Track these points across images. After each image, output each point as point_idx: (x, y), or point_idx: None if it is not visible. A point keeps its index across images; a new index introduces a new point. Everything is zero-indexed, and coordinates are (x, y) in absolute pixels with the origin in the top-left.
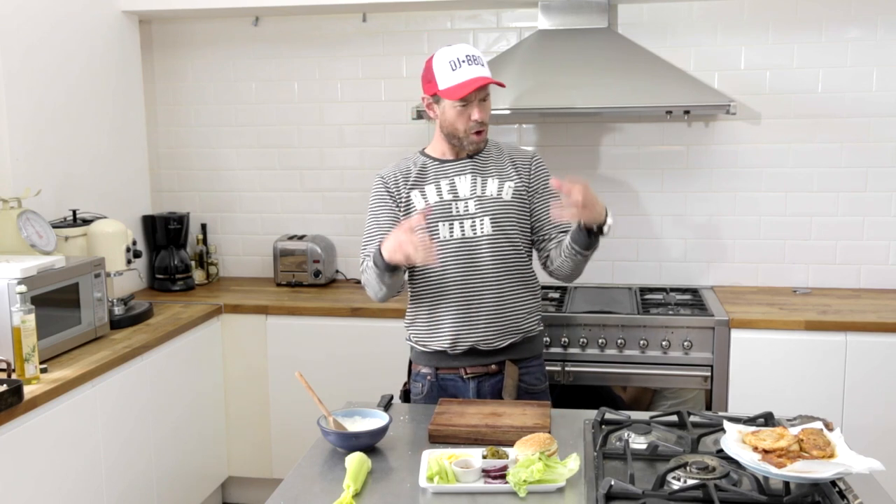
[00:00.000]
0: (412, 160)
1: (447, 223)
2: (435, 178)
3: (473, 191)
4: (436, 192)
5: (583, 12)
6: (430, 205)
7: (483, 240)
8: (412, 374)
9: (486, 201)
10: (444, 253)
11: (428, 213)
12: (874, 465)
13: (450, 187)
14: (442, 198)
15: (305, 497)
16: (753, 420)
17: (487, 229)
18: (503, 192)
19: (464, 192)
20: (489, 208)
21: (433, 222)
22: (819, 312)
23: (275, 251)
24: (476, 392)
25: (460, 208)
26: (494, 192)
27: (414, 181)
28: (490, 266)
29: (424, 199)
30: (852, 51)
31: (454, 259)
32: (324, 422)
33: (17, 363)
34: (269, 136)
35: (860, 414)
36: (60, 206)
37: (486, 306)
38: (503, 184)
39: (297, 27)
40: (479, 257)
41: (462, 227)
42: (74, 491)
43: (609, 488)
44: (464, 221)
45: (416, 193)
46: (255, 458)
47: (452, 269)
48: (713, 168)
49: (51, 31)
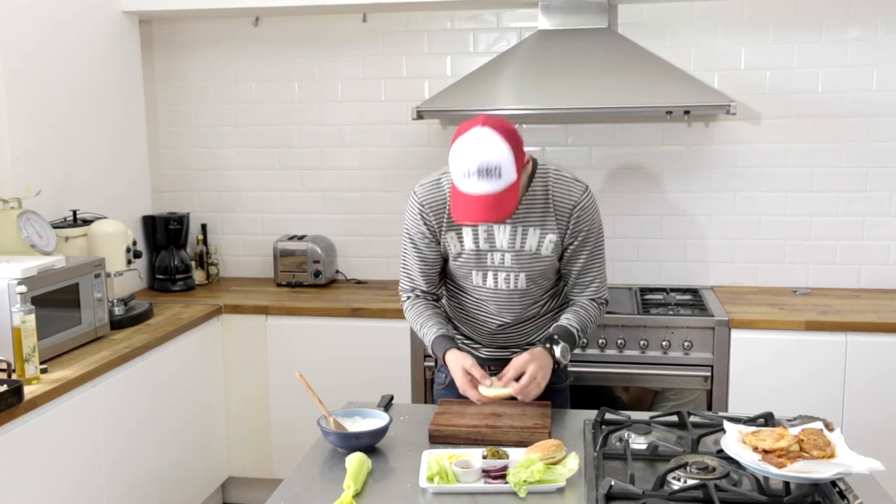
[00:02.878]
0: (449, 184)
1: (481, 273)
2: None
3: (512, 244)
4: (472, 238)
5: (583, 12)
6: (465, 251)
7: (516, 293)
8: (438, 363)
9: (524, 257)
10: (476, 295)
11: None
12: (874, 465)
13: (487, 235)
14: (478, 247)
15: (305, 497)
16: (753, 420)
17: (522, 284)
18: (542, 246)
19: (501, 243)
20: (526, 264)
21: (466, 270)
22: (819, 312)
23: (275, 251)
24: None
25: (496, 260)
26: (534, 247)
27: (449, 221)
28: (521, 309)
29: (461, 243)
30: (852, 51)
31: (485, 300)
32: (324, 422)
33: (17, 363)
34: (269, 137)
35: (860, 414)
36: (61, 206)
37: (518, 333)
38: (544, 237)
39: (297, 27)
40: (511, 302)
41: (496, 278)
42: (75, 491)
43: (609, 488)
44: (498, 273)
45: (453, 235)
46: (255, 458)
47: (484, 307)
48: (713, 168)
49: (51, 31)
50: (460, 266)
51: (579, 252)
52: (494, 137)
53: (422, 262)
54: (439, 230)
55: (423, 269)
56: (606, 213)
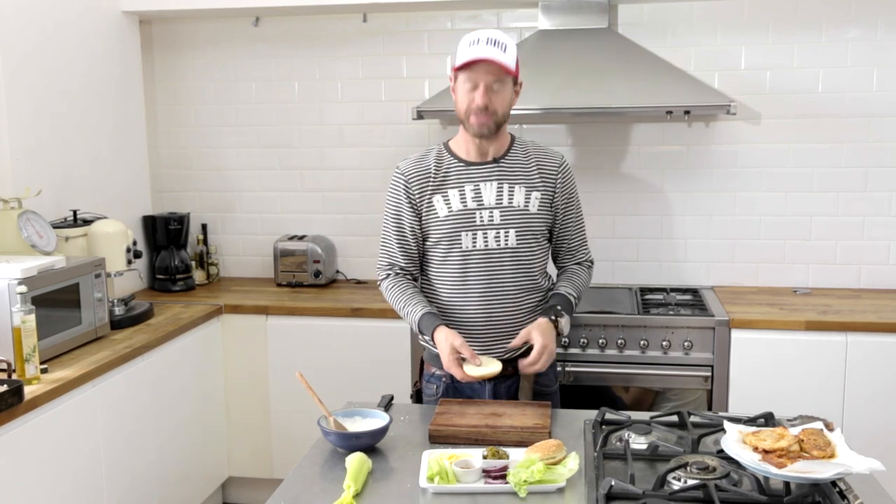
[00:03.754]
0: (434, 155)
1: (470, 233)
2: (458, 182)
3: (500, 200)
4: (459, 198)
5: (583, 12)
6: (454, 212)
7: (506, 252)
8: (424, 374)
9: (513, 212)
10: (466, 263)
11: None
12: (874, 465)
13: (474, 194)
14: (466, 205)
15: (306, 497)
16: (754, 420)
17: (512, 242)
18: (530, 203)
19: (489, 201)
20: (515, 220)
21: (455, 230)
22: (819, 312)
23: (275, 251)
24: (492, 393)
25: (485, 218)
26: (521, 203)
27: (436, 184)
28: (511, 281)
29: (448, 204)
30: (852, 51)
31: (475, 270)
32: (324, 422)
33: (17, 363)
34: (269, 137)
35: (860, 414)
36: (61, 206)
37: (505, 319)
38: (530, 193)
39: (297, 27)
40: (501, 270)
41: (486, 237)
42: (75, 491)
43: (609, 488)
44: (487, 232)
45: (439, 198)
46: (255, 458)
47: (473, 281)
48: (713, 168)
49: (51, 31)
50: (450, 228)
51: (568, 215)
52: (503, 33)
53: (400, 237)
54: (424, 197)
55: (402, 243)
56: (606, 213)
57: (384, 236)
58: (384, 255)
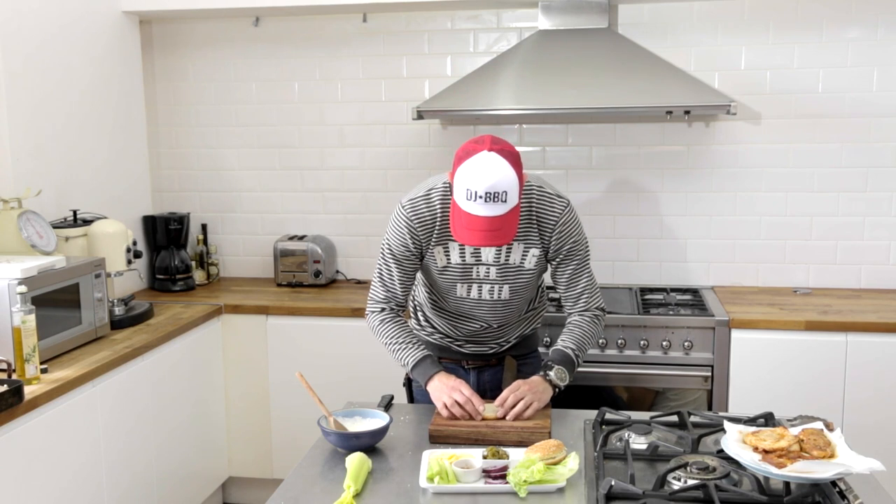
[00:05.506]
0: (440, 198)
1: (465, 285)
2: None
3: (497, 258)
4: (459, 252)
5: (583, 12)
6: (452, 265)
7: (499, 303)
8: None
9: (509, 269)
10: (458, 304)
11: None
12: (874, 465)
13: (474, 249)
14: (465, 260)
15: (306, 497)
16: (754, 420)
17: (505, 295)
18: (526, 260)
19: (487, 257)
20: (510, 277)
21: (451, 282)
22: (819, 312)
23: (275, 251)
24: (476, 380)
25: (481, 273)
26: (517, 261)
27: (439, 235)
28: (503, 316)
29: (447, 256)
30: (853, 51)
31: (466, 308)
32: (324, 422)
33: (17, 363)
34: (269, 137)
35: (861, 414)
36: (61, 206)
37: (496, 332)
38: (528, 251)
39: (297, 27)
40: (494, 311)
41: (480, 290)
42: (75, 491)
43: (609, 488)
44: (482, 286)
45: (440, 250)
46: (255, 458)
47: (466, 312)
48: (713, 168)
49: (51, 31)
50: (446, 279)
51: (566, 265)
52: (503, 163)
53: (403, 275)
54: (427, 245)
55: (404, 281)
56: (607, 213)
57: (385, 272)
58: (382, 290)
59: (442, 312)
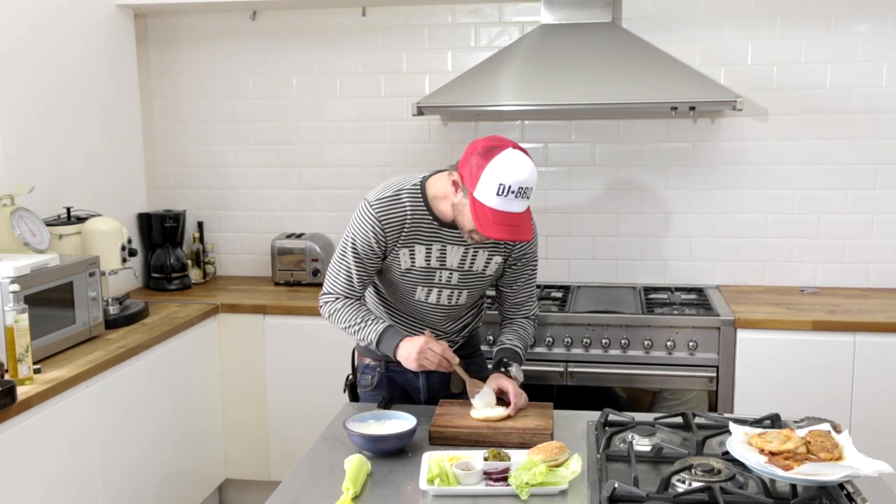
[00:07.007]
0: (409, 200)
1: (426, 289)
2: (427, 240)
3: (462, 264)
4: (424, 255)
5: (586, 6)
6: (416, 267)
7: (455, 307)
8: (358, 366)
9: (471, 276)
10: (414, 306)
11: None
12: (883, 467)
13: (440, 254)
14: (429, 264)
15: (304, 500)
16: (760, 422)
17: (463, 300)
18: (489, 267)
19: (451, 263)
20: (471, 283)
21: (412, 284)
22: (827, 312)
23: (272, 250)
24: (426, 383)
25: (443, 278)
26: (480, 268)
27: (406, 237)
28: (454, 319)
29: (412, 259)
30: (861, 45)
31: (424, 312)
32: (352, 424)
33: (10, 363)
34: (267, 133)
35: (869, 416)
36: (54, 203)
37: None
38: (491, 258)
39: (295, 21)
40: (448, 313)
41: (440, 295)
42: (68, 493)
43: (612, 491)
44: (442, 290)
45: (405, 252)
46: (252, 460)
47: (420, 315)
48: (719, 165)
49: (43, 24)
50: (407, 280)
51: (520, 272)
52: (529, 161)
53: (363, 273)
54: (392, 246)
55: (363, 279)
56: (610, 211)
57: (342, 265)
58: (338, 284)
59: (393, 313)
